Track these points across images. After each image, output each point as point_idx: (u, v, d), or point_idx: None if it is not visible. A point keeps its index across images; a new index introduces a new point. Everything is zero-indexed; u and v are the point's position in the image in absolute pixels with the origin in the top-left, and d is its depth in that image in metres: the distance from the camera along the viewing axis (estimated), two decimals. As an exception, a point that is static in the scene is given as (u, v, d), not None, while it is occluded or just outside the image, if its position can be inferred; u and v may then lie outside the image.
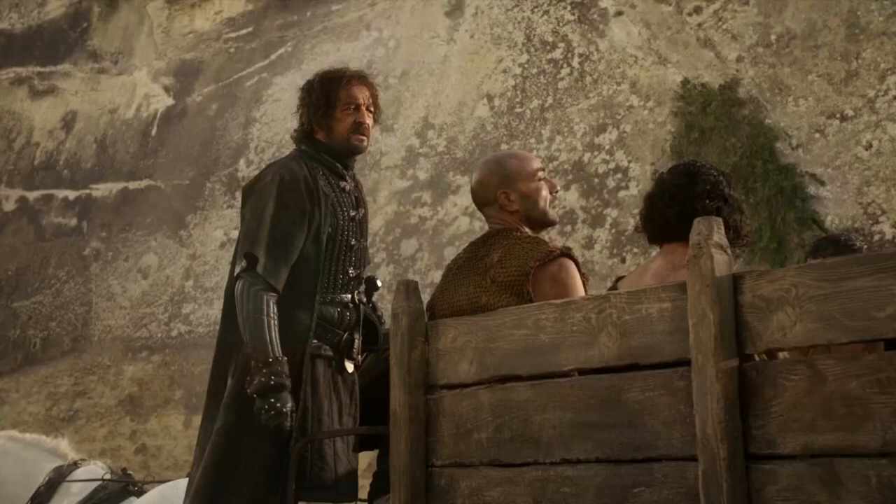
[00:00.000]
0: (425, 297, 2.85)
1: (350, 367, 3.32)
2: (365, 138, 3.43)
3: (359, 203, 3.46)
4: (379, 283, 3.52)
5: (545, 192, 2.87)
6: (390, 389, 2.75)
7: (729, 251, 2.18)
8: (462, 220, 7.20)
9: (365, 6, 8.22)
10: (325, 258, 3.27)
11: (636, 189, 6.67)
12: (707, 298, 2.14)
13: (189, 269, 8.22)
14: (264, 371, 3.04)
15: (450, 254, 7.09)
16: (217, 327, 3.45)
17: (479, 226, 7.07)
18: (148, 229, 8.58)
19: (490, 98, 7.39)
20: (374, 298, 3.55)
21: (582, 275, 2.74)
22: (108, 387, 8.16)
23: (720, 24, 6.72)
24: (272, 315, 3.12)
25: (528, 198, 2.84)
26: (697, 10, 6.85)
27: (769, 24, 6.53)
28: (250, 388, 3.05)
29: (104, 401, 8.13)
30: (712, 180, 2.80)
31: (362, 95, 3.40)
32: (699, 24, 6.79)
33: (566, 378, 2.43)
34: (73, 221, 9.02)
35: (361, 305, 3.38)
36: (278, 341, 3.09)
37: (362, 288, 3.42)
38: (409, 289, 2.78)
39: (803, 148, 6.19)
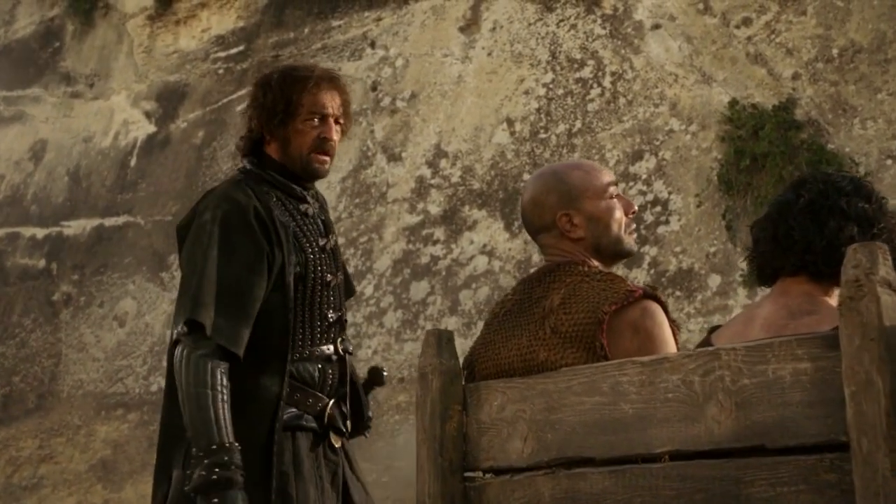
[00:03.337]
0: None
1: (338, 442, 2.82)
2: (328, 159, 2.90)
3: (328, 229, 2.96)
4: (385, 375, 3.03)
5: (619, 214, 2.37)
6: (417, 473, 2.31)
7: (901, 290, 1.68)
8: (479, 260, 6.98)
9: (370, 21, 8.08)
10: (298, 305, 2.80)
11: (678, 224, 6.46)
12: (872, 357, 1.66)
13: (171, 316, 7.93)
14: (206, 462, 2.56)
15: (465, 297, 6.90)
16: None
17: (500, 266, 6.89)
18: (125, 271, 8.40)
19: (510, 122, 7.23)
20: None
21: (671, 322, 2.24)
22: (78, 450, 7.94)
23: (773, 36, 6.49)
24: (221, 388, 2.61)
25: (598, 221, 2.35)
26: (746, 21, 6.62)
27: (830, 37, 6.29)
28: (189, 486, 2.58)
29: (73, 466, 7.90)
30: (844, 192, 2.27)
31: (332, 104, 2.89)
32: (749, 38, 6.57)
33: (658, 464, 1.99)
34: (42, 263, 8.89)
35: (348, 356, 2.88)
36: (229, 423, 2.60)
37: (346, 335, 2.93)
38: (440, 341, 2.32)
39: (873, 176, 5.90)
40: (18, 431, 8.26)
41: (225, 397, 2.61)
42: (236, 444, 2.59)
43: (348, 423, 2.85)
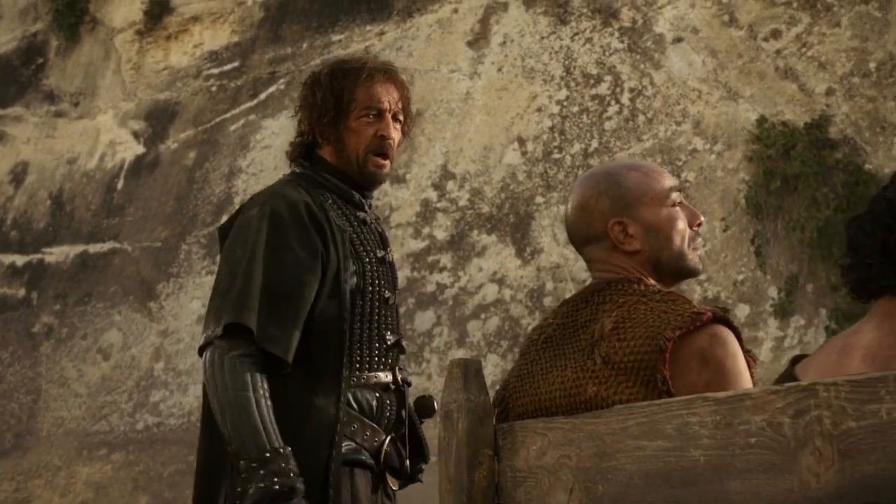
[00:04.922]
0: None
1: (395, 485, 2.60)
2: (386, 162, 2.70)
3: (384, 241, 2.75)
4: (437, 406, 2.75)
5: (682, 224, 2.10)
6: (440, 532, 2.08)
7: None
8: (489, 288, 6.94)
9: (372, 35, 8.11)
10: (356, 320, 2.58)
11: (703, 249, 6.50)
12: None
13: (159, 349, 8.01)
14: (262, 472, 2.32)
15: (473, 328, 6.85)
16: (192, 419, 2.80)
17: (511, 294, 6.81)
18: (111, 301, 8.40)
19: (522, 142, 7.23)
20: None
21: (746, 352, 1.97)
22: (58, 493, 7.85)
23: (804, 50, 6.45)
24: (263, 392, 2.39)
25: (658, 232, 2.07)
26: (776, 34, 6.58)
27: (866, 49, 6.24)
28: (247, 502, 2.33)
29: (52, 510, 7.90)
30: None
31: (388, 97, 2.68)
32: (778, 52, 6.53)
33: (738, 523, 1.73)
34: (21, 292, 8.89)
35: (405, 387, 2.65)
36: (275, 427, 2.37)
37: (403, 361, 2.70)
38: (467, 373, 2.05)
39: (914, 198, 5.79)
40: (-7, 473, 8.31)
41: (269, 403, 2.38)
42: (289, 450, 2.36)
43: (406, 465, 2.62)
